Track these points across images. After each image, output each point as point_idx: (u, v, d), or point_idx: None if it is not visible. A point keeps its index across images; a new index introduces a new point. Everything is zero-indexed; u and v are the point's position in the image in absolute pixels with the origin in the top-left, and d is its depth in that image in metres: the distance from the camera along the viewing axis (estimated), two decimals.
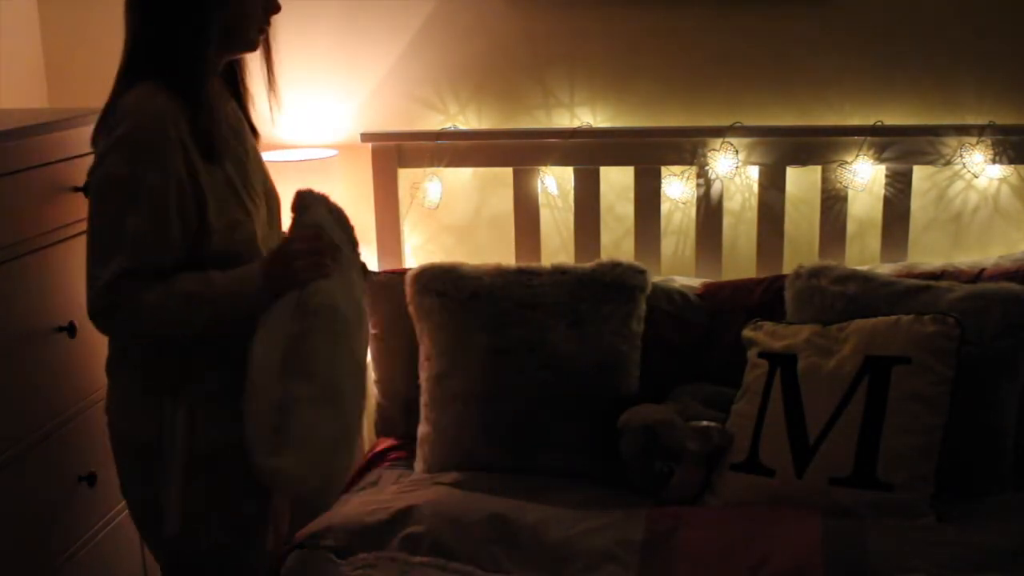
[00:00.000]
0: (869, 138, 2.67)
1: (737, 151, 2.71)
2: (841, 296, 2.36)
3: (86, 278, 1.77)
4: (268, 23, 1.94)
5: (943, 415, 2.15)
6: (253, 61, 2.01)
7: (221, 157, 1.85)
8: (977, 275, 2.49)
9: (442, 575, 1.98)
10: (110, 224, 1.74)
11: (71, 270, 2.30)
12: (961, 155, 2.65)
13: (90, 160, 1.80)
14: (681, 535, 2.07)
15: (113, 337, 1.90)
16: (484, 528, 2.10)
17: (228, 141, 1.90)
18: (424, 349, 2.51)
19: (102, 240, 1.75)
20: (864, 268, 2.54)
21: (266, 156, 2.83)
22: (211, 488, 1.90)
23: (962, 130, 2.65)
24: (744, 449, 2.24)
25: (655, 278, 2.59)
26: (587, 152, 2.79)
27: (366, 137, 2.83)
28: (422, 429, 2.49)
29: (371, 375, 2.76)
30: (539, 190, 2.83)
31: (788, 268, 2.61)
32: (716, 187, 2.76)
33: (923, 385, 2.15)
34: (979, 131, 2.63)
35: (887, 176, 2.72)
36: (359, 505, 2.22)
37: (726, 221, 2.81)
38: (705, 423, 2.27)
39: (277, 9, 1.93)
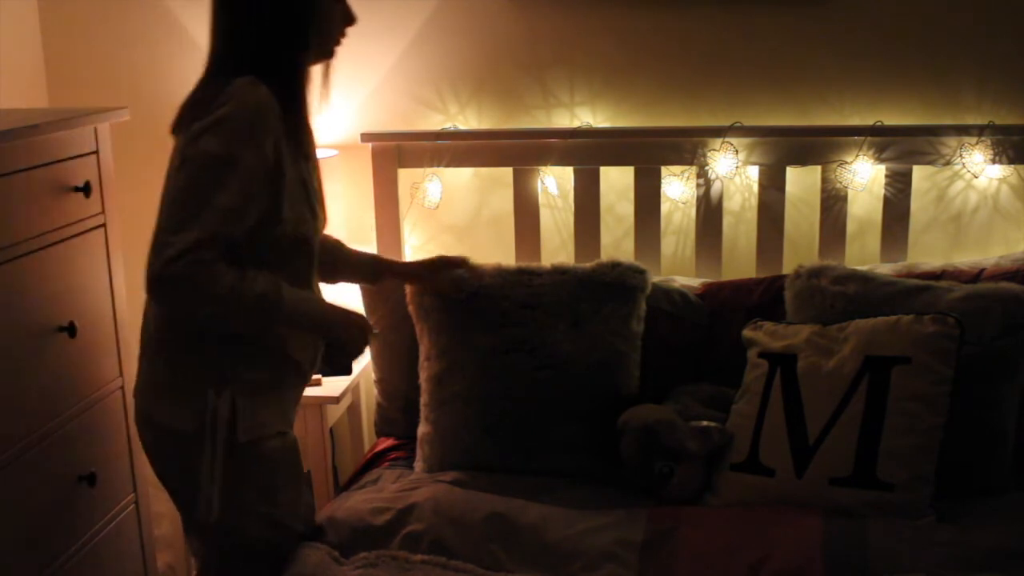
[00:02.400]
0: (869, 138, 2.67)
1: (737, 151, 2.71)
2: (841, 296, 2.36)
3: (154, 245, 1.76)
4: (344, 35, 2.01)
5: (943, 415, 2.14)
6: None
7: (307, 157, 1.95)
8: (977, 275, 2.49)
9: (442, 573, 1.98)
10: (197, 196, 1.76)
11: (71, 270, 2.30)
12: (961, 155, 2.65)
13: (91, 160, 1.82)
14: (681, 535, 2.07)
15: (169, 307, 1.88)
16: (484, 527, 2.10)
17: (312, 144, 2.00)
18: (424, 349, 2.51)
19: (185, 210, 1.76)
20: (864, 268, 2.53)
21: None
22: (250, 477, 1.95)
23: (962, 130, 2.65)
24: (744, 449, 2.24)
25: (655, 278, 2.59)
26: (587, 152, 2.79)
27: (366, 137, 2.84)
28: (422, 429, 2.49)
29: (371, 375, 2.77)
30: (539, 190, 2.83)
31: (788, 268, 2.60)
32: (716, 187, 2.76)
33: (923, 385, 2.15)
34: (979, 131, 2.63)
35: (887, 176, 2.72)
36: (359, 503, 2.22)
37: (726, 221, 2.81)
38: (705, 423, 2.27)
39: (353, 21, 2.01)
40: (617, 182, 2.86)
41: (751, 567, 1.95)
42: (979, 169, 2.68)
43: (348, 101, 2.92)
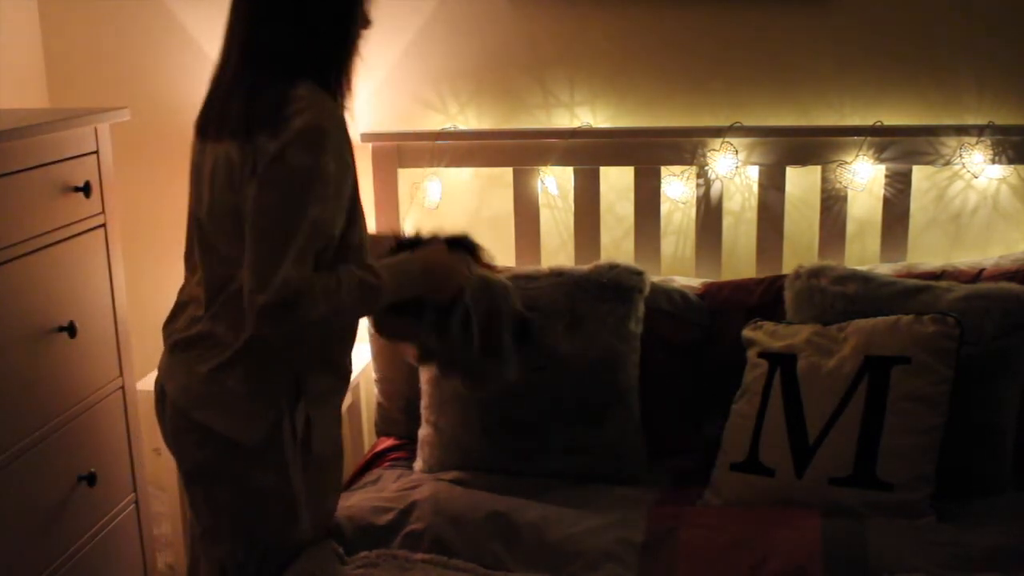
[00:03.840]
0: (869, 138, 2.67)
1: (737, 151, 2.71)
2: (841, 296, 2.37)
3: (255, 272, 1.74)
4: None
5: (943, 415, 2.15)
6: None
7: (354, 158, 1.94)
8: (977, 275, 2.49)
9: (443, 572, 1.98)
10: (292, 215, 1.75)
11: (71, 270, 2.30)
12: (961, 155, 2.65)
13: (91, 160, 1.80)
14: (681, 535, 2.07)
15: (285, 330, 1.81)
16: (485, 526, 2.11)
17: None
18: None
19: (281, 232, 1.75)
20: (864, 268, 2.53)
21: None
22: (310, 486, 1.96)
23: (962, 130, 2.65)
24: (744, 449, 2.24)
25: (655, 278, 2.59)
26: (587, 152, 2.79)
27: (366, 137, 2.84)
28: (423, 431, 2.49)
29: (371, 375, 2.77)
30: (539, 190, 2.83)
31: (788, 268, 2.60)
32: (716, 187, 2.76)
33: (923, 385, 2.15)
34: (979, 131, 2.63)
35: (887, 176, 2.72)
36: (360, 503, 2.22)
37: (726, 221, 2.81)
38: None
39: (369, 24, 1.99)
40: (617, 182, 2.86)
41: (751, 567, 1.95)
42: (979, 169, 2.68)
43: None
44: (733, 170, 2.73)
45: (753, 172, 2.78)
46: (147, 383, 2.80)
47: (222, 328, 1.88)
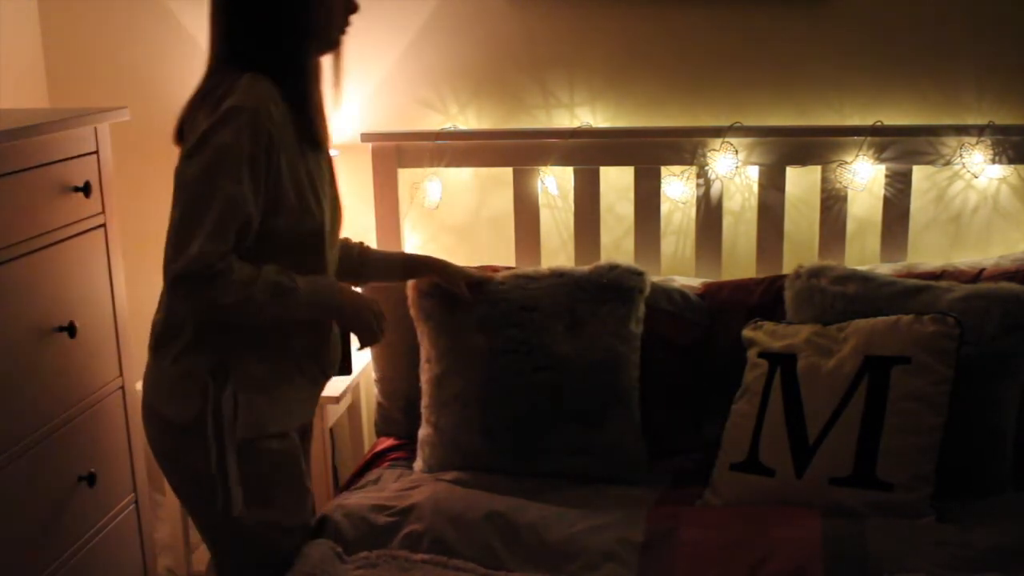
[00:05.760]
0: (869, 138, 2.67)
1: (737, 151, 2.71)
2: (841, 296, 2.36)
3: (173, 244, 1.79)
4: (348, 23, 2.01)
5: (943, 415, 2.14)
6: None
7: (316, 149, 1.97)
8: (977, 275, 2.49)
9: (443, 572, 1.98)
10: (209, 190, 1.79)
11: (71, 270, 2.30)
12: (961, 155, 2.65)
13: (91, 160, 1.81)
14: (681, 535, 2.07)
15: (192, 303, 1.86)
16: (485, 526, 2.10)
17: (323, 137, 2.01)
18: (424, 352, 2.51)
19: (198, 206, 1.79)
20: (864, 268, 2.53)
21: None
22: (246, 476, 1.95)
23: (962, 130, 2.65)
24: (744, 449, 2.24)
25: (655, 278, 2.59)
26: (587, 152, 2.79)
27: (366, 137, 2.83)
28: (423, 431, 2.49)
29: (371, 375, 2.76)
30: (539, 190, 2.83)
31: (788, 268, 2.60)
32: (716, 187, 2.76)
33: (923, 385, 2.15)
34: (979, 131, 2.63)
35: (887, 176, 2.72)
36: (360, 503, 2.22)
37: (726, 221, 2.81)
38: None
39: (356, 9, 2.00)
40: (617, 182, 2.86)
41: (751, 567, 1.95)
42: (979, 169, 2.68)
43: (348, 101, 2.92)
44: (733, 170, 2.73)
45: (753, 172, 2.78)
46: None
47: (159, 311, 1.98)
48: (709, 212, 2.78)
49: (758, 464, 2.21)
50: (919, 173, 2.73)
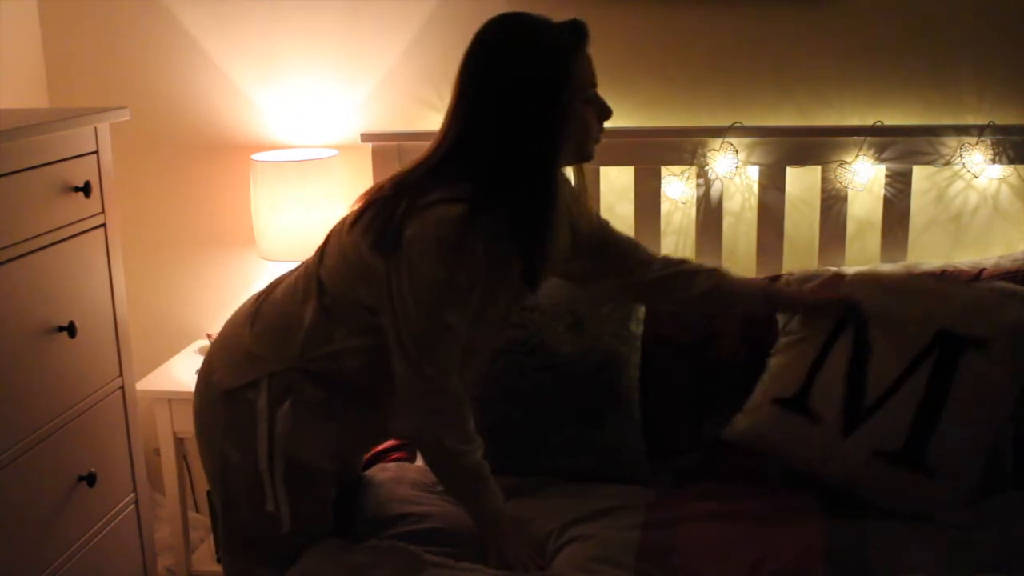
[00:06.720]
0: (869, 138, 2.67)
1: (737, 151, 2.71)
2: None
3: (406, 382, 1.86)
4: (603, 130, 1.93)
5: (1006, 412, 2.11)
6: None
7: (533, 286, 1.92)
8: (977, 275, 2.49)
9: (446, 572, 1.97)
10: (433, 319, 1.81)
11: (71, 270, 2.30)
12: (961, 155, 2.65)
13: (91, 160, 1.79)
14: (680, 534, 2.07)
15: (436, 434, 1.92)
16: None
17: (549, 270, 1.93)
18: None
19: (427, 334, 1.83)
20: (864, 268, 2.53)
21: (267, 156, 2.85)
22: (291, 485, 1.97)
23: (962, 130, 2.65)
24: (794, 384, 2.19)
25: None
26: None
27: (366, 137, 2.83)
28: None
29: None
30: None
31: (788, 268, 2.61)
32: (716, 187, 2.76)
33: (996, 374, 2.09)
34: (979, 131, 2.63)
35: (887, 176, 2.72)
36: (360, 503, 2.22)
37: (726, 221, 2.81)
38: None
39: (609, 115, 1.91)
40: (617, 182, 2.86)
41: (751, 567, 1.95)
42: (979, 169, 2.68)
43: (348, 101, 2.92)
44: (733, 170, 2.73)
45: (753, 172, 2.78)
46: (147, 383, 2.81)
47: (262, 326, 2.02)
48: (709, 212, 2.78)
49: (805, 406, 2.17)
50: (919, 173, 2.73)
